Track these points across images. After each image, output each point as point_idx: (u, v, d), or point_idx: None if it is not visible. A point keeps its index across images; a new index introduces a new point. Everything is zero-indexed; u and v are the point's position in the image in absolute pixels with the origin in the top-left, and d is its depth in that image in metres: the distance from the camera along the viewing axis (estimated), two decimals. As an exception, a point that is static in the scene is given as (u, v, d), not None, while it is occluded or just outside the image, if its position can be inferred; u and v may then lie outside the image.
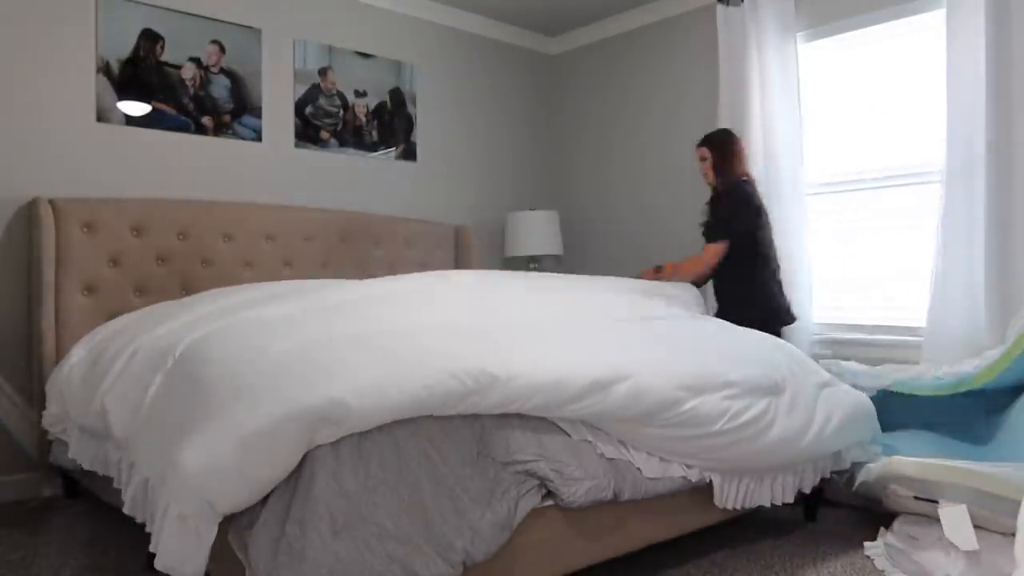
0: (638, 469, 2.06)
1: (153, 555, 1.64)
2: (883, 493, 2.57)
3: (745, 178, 3.43)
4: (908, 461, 2.48)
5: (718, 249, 3.33)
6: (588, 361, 2.01)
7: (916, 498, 2.44)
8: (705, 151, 3.49)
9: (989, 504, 2.25)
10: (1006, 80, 3.02)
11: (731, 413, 2.19)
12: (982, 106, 3.11)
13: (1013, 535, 2.17)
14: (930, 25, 3.44)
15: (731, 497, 2.31)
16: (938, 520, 2.36)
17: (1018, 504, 2.14)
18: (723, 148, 3.45)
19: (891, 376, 2.91)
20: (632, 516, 2.12)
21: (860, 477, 2.63)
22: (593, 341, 2.19)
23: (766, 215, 3.41)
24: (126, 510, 1.94)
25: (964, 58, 3.17)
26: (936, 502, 2.38)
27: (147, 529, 1.79)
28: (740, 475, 2.31)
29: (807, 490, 2.53)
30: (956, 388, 2.79)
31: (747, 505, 2.36)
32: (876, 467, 2.57)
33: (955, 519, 2.27)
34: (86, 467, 2.42)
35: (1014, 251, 3.00)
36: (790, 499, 2.47)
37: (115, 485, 2.14)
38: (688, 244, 4.35)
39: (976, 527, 2.28)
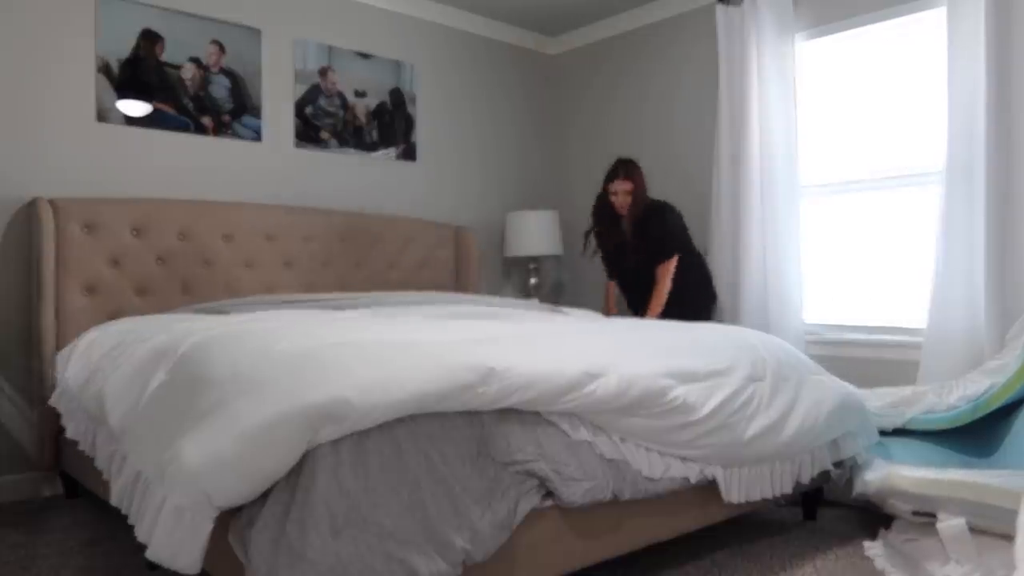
0: (637, 470, 2.07)
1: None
2: (882, 504, 2.57)
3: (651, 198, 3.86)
4: (906, 477, 2.46)
5: (671, 264, 3.74)
6: (577, 355, 2.06)
7: (915, 512, 2.44)
8: (628, 184, 3.75)
9: (989, 514, 2.25)
10: (1006, 80, 3.02)
11: (716, 400, 2.23)
12: (982, 106, 3.11)
13: (1012, 537, 2.17)
14: (930, 25, 3.44)
15: (735, 491, 2.32)
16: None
17: (1016, 513, 2.14)
18: (641, 175, 3.80)
19: (905, 415, 2.87)
20: (632, 516, 2.12)
21: (857, 488, 2.62)
22: (579, 341, 2.25)
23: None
24: (113, 501, 1.95)
25: (964, 57, 3.17)
26: (935, 516, 2.37)
27: (130, 521, 1.80)
28: (739, 466, 2.33)
29: (806, 480, 2.52)
30: (973, 416, 2.74)
31: (750, 498, 2.36)
32: (874, 480, 2.55)
33: (954, 534, 2.28)
34: (69, 435, 2.55)
35: (1014, 251, 3.00)
36: (788, 490, 2.47)
37: (104, 477, 2.16)
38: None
39: (975, 531, 2.28)
